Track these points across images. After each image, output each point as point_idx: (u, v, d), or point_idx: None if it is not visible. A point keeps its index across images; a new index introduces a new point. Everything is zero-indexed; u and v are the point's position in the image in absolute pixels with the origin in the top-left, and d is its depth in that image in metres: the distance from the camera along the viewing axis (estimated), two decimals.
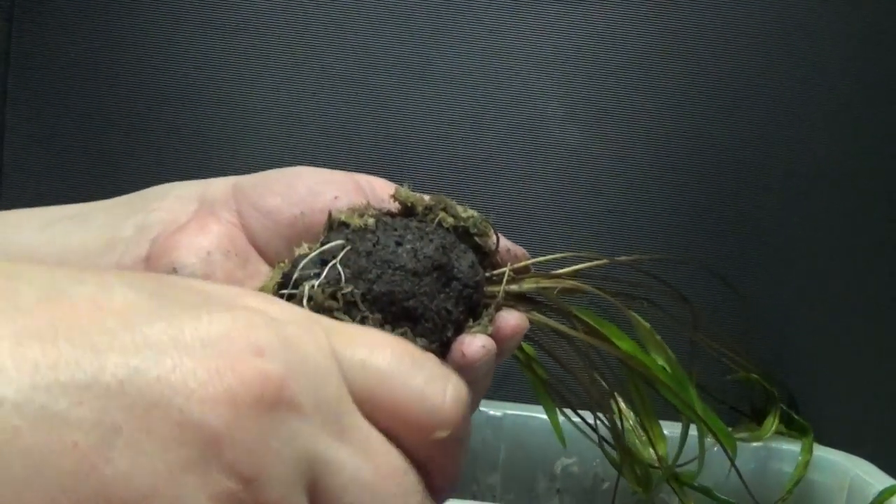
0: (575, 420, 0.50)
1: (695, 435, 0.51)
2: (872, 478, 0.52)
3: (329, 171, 0.43)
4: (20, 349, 0.20)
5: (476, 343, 0.39)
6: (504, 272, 0.41)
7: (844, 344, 0.67)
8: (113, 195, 0.45)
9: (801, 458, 0.57)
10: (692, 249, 0.67)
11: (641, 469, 0.50)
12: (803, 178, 0.67)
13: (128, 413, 0.20)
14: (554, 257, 0.44)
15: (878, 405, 0.67)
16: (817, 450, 0.58)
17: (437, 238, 0.39)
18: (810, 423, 0.60)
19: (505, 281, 0.41)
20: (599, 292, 0.43)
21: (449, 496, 0.27)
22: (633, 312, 0.47)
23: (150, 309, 0.22)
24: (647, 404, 0.50)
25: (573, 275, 0.43)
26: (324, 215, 0.40)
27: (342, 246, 0.38)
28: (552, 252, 0.45)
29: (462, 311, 0.39)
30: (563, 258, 0.44)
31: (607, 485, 0.59)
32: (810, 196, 0.67)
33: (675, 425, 0.53)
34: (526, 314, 0.41)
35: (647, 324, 0.48)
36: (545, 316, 0.42)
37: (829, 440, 0.59)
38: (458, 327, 0.39)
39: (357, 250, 0.38)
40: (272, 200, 0.41)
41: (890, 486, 0.50)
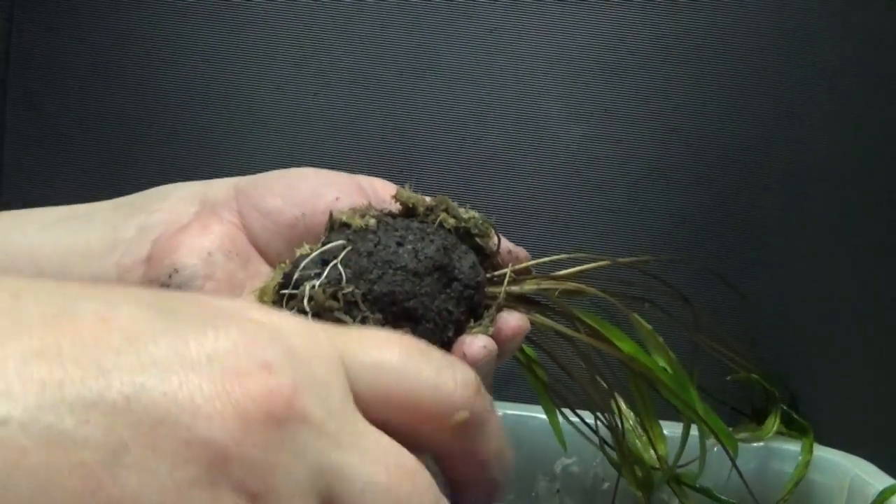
0: (576, 422, 0.50)
1: (696, 435, 0.51)
2: (872, 478, 0.52)
3: (330, 172, 0.43)
4: (26, 368, 0.20)
5: (477, 343, 0.39)
6: (505, 273, 0.41)
7: (844, 344, 0.67)
8: (116, 194, 0.45)
9: (801, 458, 0.57)
10: (692, 249, 0.67)
11: (642, 471, 0.50)
12: (803, 178, 0.67)
13: (134, 430, 0.20)
14: (555, 258, 0.44)
15: (878, 405, 0.67)
16: (817, 450, 0.58)
17: (439, 239, 0.39)
18: (810, 423, 0.60)
19: (506, 282, 0.41)
20: (600, 293, 0.43)
21: (500, 490, 0.27)
22: (635, 314, 0.47)
23: (155, 325, 0.22)
24: (647, 405, 0.50)
25: (574, 276, 0.43)
26: (325, 216, 0.40)
27: (343, 246, 0.38)
28: (555, 249, 0.45)
29: (463, 312, 0.39)
30: (564, 259, 0.44)
31: (607, 485, 0.59)
32: (810, 196, 0.67)
33: (675, 425, 0.53)
34: (527, 315, 0.41)
35: (648, 325, 0.48)
36: (546, 317, 0.42)
37: (829, 440, 0.59)
38: (458, 328, 0.39)
39: (358, 251, 0.38)
40: (273, 201, 0.41)
41: (890, 486, 0.50)
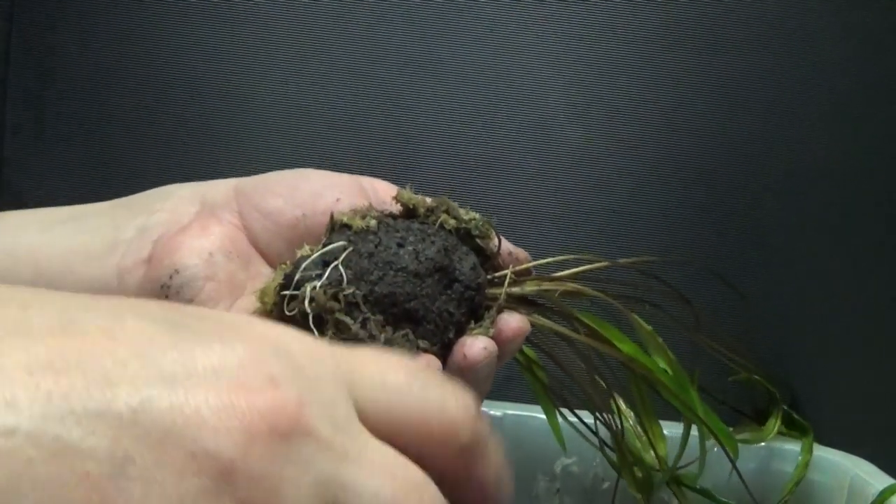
0: (575, 423, 0.50)
1: (696, 436, 0.51)
2: (872, 478, 0.52)
3: (331, 173, 0.43)
4: (33, 379, 0.20)
5: (478, 344, 0.39)
6: (506, 274, 0.41)
7: (844, 344, 0.67)
8: (116, 194, 0.45)
9: (801, 458, 0.57)
10: (692, 249, 0.67)
11: (642, 471, 0.50)
12: (803, 178, 0.67)
13: (140, 443, 0.20)
14: (555, 259, 0.44)
15: (878, 405, 0.67)
16: (817, 450, 0.58)
17: (439, 240, 0.39)
18: (810, 423, 0.60)
19: (506, 283, 0.41)
20: (601, 295, 0.43)
21: None
22: (635, 314, 0.47)
23: (162, 338, 0.22)
24: (647, 405, 0.50)
25: (574, 277, 0.43)
26: (325, 217, 0.40)
27: (344, 247, 0.38)
28: (556, 249, 0.45)
29: (463, 313, 0.39)
30: (564, 260, 0.44)
31: (607, 485, 0.59)
32: (810, 196, 0.67)
33: (675, 426, 0.53)
34: (527, 316, 0.41)
35: (648, 326, 0.48)
36: (547, 318, 0.42)
37: (829, 440, 0.59)
38: (459, 329, 0.39)
39: (359, 252, 0.38)
40: (274, 202, 0.41)
41: (890, 486, 0.50)
